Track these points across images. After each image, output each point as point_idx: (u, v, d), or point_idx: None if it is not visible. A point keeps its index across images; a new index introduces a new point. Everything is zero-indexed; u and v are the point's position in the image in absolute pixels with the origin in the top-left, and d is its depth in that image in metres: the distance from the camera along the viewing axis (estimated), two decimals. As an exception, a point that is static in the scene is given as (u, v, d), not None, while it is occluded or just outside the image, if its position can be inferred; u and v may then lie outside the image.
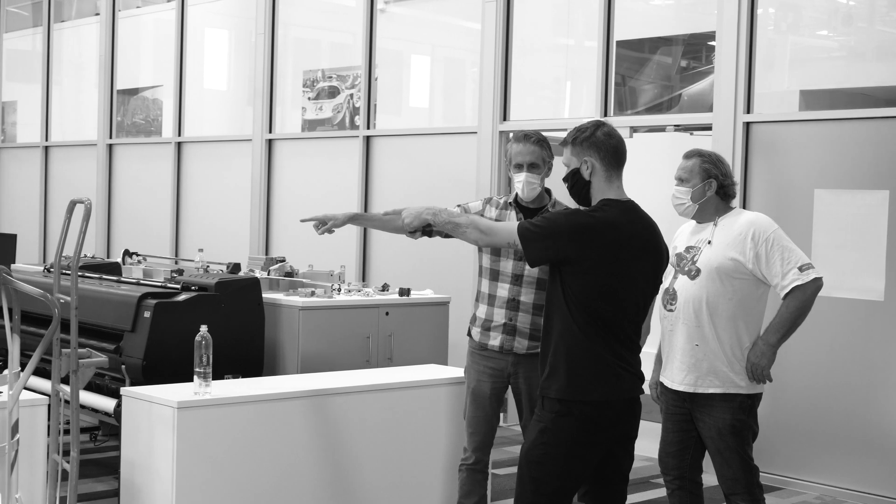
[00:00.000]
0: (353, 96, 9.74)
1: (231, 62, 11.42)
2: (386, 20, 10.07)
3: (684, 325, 4.37)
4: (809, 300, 4.31)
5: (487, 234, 3.87)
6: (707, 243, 4.39)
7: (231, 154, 10.58)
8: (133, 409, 4.72)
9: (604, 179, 3.77)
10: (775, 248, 4.29)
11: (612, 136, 3.80)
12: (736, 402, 4.32)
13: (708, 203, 4.44)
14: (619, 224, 3.71)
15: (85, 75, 12.64)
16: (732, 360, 4.32)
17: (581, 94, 8.24)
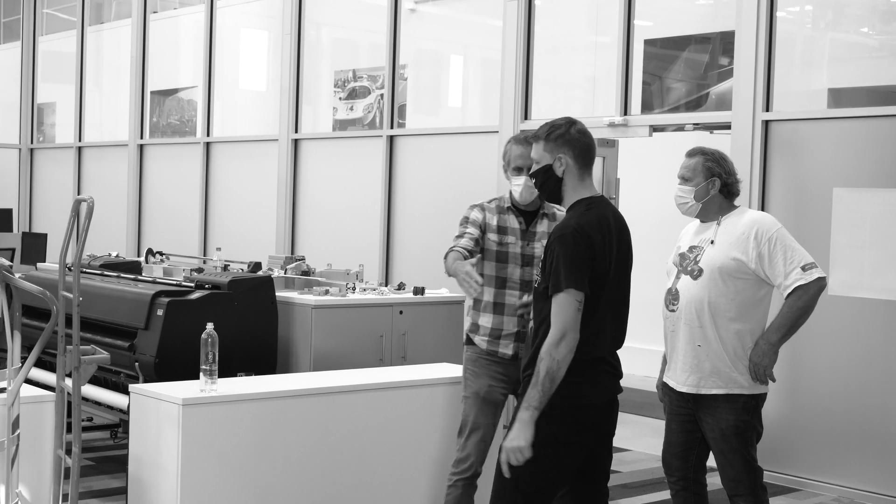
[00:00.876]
0: (384, 96, 9.77)
1: (269, 63, 11.47)
2: (417, 20, 10.11)
3: (686, 325, 4.33)
4: (812, 300, 4.25)
5: (564, 328, 3.57)
6: (710, 243, 4.34)
7: (258, 154, 10.65)
8: (141, 405, 4.77)
9: (576, 177, 3.75)
10: (778, 248, 4.24)
11: (584, 134, 3.78)
12: (739, 403, 4.28)
13: (711, 202, 4.40)
14: (600, 226, 3.69)
15: (124, 76, 12.76)
16: (735, 361, 4.28)
17: (601, 93, 8.21)
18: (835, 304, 6.52)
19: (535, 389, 3.51)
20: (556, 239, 3.62)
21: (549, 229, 4.69)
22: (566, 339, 3.54)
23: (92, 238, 12.60)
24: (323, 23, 10.58)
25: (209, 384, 4.65)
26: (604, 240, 3.65)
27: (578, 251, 3.58)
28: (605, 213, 3.72)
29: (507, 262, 4.62)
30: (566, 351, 3.53)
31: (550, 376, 3.51)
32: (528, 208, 4.70)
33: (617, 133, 7.74)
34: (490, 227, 4.66)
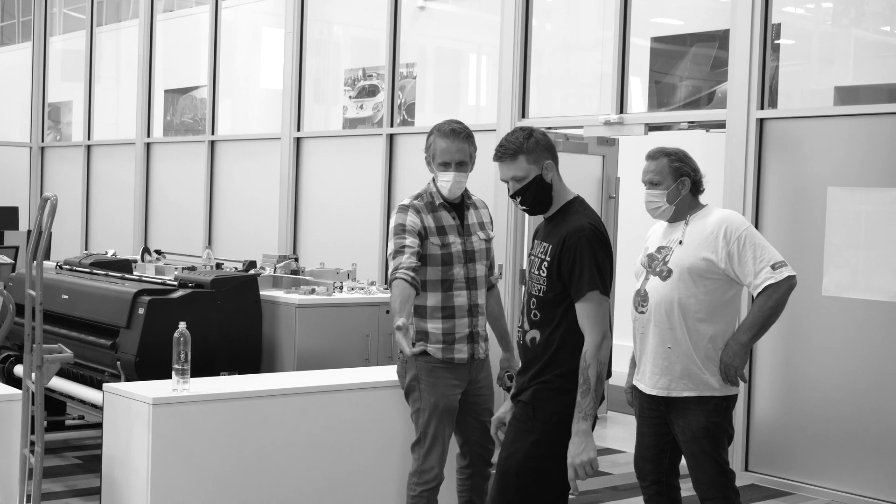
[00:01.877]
0: (394, 94, 9.73)
1: (290, 62, 11.40)
2: (426, 17, 10.07)
3: (656, 327, 4.26)
4: (783, 299, 4.19)
5: (601, 333, 3.63)
6: (678, 243, 4.28)
7: (262, 152, 10.64)
8: (113, 404, 4.75)
9: (559, 179, 3.77)
10: (747, 247, 4.18)
11: (546, 134, 3.84)
12: (710, 405, 4.21)
13: (682, 202, 4.33)
14: (599, 217, 3.83)
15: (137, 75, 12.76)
16: (706, 362, 4.21)
17: (598, 91, 8.14)
18: (829, 305, 6.43)
19: (588, 398, 3.53)
20: (577, 241, 3.60)
21: (477, 219, 4.57)
22: (606, 341, 3.60)
23: (99, 236, 12.79)
24: (335, 21, 10.55)
25: (181, 383, 4.62)
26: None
27: (598, 252, 3.62)
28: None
29: (452, 263, 4.42)
30: (608, 353, 3.60)
31: (601, 381, 3.57)
32: (457, 200, 4.52)
33: (613, 131, 7.67)
34: (430, 231, 4.41)
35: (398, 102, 9.56)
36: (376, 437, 4.99)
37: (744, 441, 6.76)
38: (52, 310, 6.34)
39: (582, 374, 3.56)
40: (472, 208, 4.58)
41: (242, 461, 4.68)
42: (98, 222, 13.00)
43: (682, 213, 4.33)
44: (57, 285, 6.34)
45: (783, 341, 6.65)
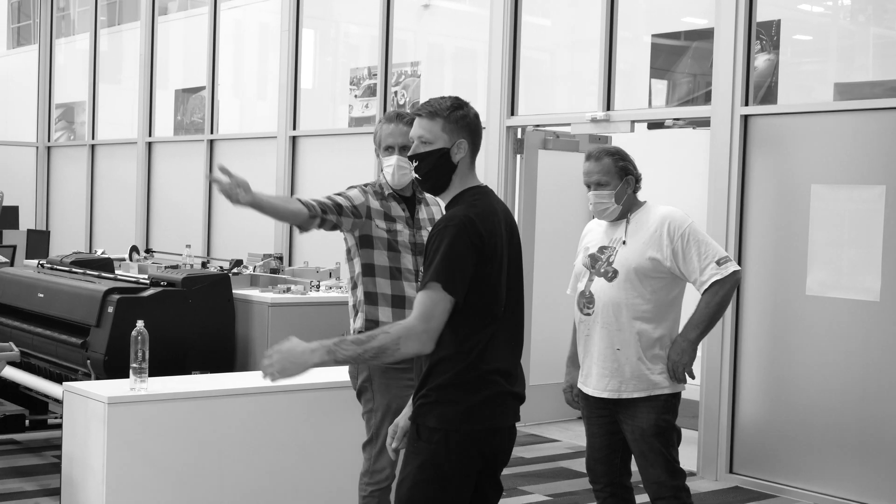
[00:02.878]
0: (398, 93, 9.69)
1: (316, 60, 11.40)
2: (430, 16, 10.03)
3: (604, 328, 4.21)
4: (729, 294, 4.18)
5: (426, 328, 3.02)
6: (622, 243, 4.24)
7: (260, 151, 10.62)
8: (72, 403, 4.72)
9: (468, 166, 3.26)
10: (691, 243, 4.16)
11: (478, 119, 3.32)
12: (660, 402, 4.19)
13: (627, 201, 4.30)
14: (490, 219, 3.16)
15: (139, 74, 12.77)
16: (654, 361, 4.19)
17: (586, 88, 8.06)
18: (813, 304, 6.33)
19: (355, 347, 2.98)
20: (439, 231, 3.10)
21: (428, 215, 4.41)
22: (421, 338, 3.01)
23: (102, 235, 12.81)
24: (342, 20, 10.52)
25: (139, 383, 4.60)
26: (493, 236, 3.13)
27: (460, 248, 3.06)
28: (494, 204, 3.24)
29: (399, 250, 4.28)
30: (414, 350, 3.02)
31: (379, 353, 2.99)
32: (404, 193, 4.37)
33: (600, 129, 7.59)
34: (376, 213, 4.27)
35: (403, 101, 9.52)
36: (331, 436, 4.94)
37: (728, 443, 6.67)
38: (27, 308, 6.34)
39: (372, 335, 3.00)
40: (423, 204, 4.43)
41: (199, 461, 4.64)
42: (102, 221, 13.03)
43: (624, 211, 4.30)
44: (34, 284, 6.33)
45: (768, 342, 6.56)
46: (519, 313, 3.29)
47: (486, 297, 3.12)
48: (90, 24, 13.53)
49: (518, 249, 3.31)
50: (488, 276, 3.12)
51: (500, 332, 3.17)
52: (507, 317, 3.20)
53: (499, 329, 3.16)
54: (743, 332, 6.65)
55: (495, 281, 3.15)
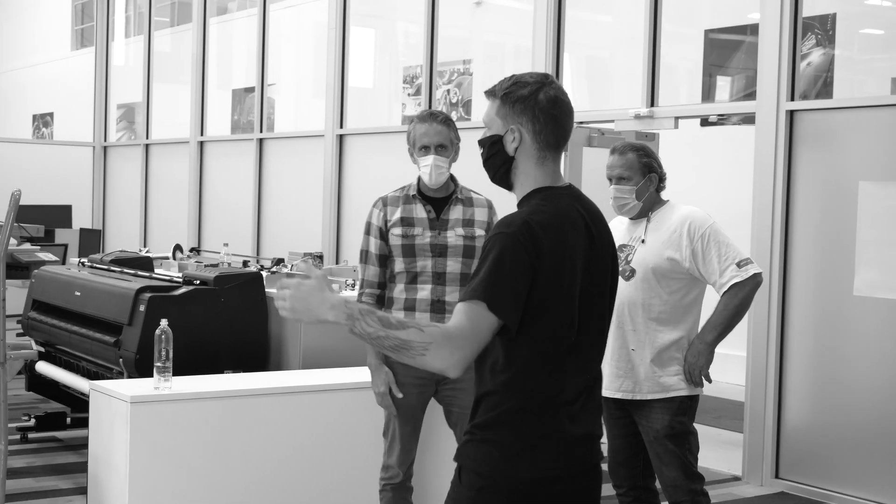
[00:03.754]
0: (451, 91, 9.63)
1: (375, 59, 11.40)
2: (482, 13, 9.95)
3: (619, 328, 4.14)
4: (748, 297, 4.07)
5: (464, 350, 2.46)
6: (641, 241, 4.15)
7: (308, 150, 10.62)
8: (97, 402, 4.72)
9: (534, 160, 2.65)
10: (711, 244, 4.06)
11: (558, 103, 2.65)
12: (675, 404, 4.10)
13: (649, 199, 4.19)
14: (559, 225, 2.60)
15: (213, 74, 12.82)
16: (670, 363, 4.09)
17: (632, 84, 7.93)
18: (860, 305, 6.14)
19: (379, 327, 2.43)
20: (491, 237, 2.57)
21: (464, 215, 4.34)
22: (454, 356, 2.45)
23: (154, 233, 12.90)
24: (399, 18, 10.49)
25: (163, 382, 4.58)
26: (559, 249, 2.57)
27: (512, 262, 2.51)
28: (568, 210, 2.64)
29: (416, 255, 4.24)
30: (440, 365, 2.45)
31: (401, 348, 2.44)
32: (439, 194, 4.33)
33: (643, 125, 7.45)
34: (393, 223, 4.28)
35: (455, 99, 9.45)
36: (355, 436, 4.88)
37: (774, 447, 6.49)
38: (65, 306, 6.37)
39: (404, 323, 2.46)
40: (461, 204, 4.37)
41: (223, 461, 4.60)
42: (155, 220, 13.12)
43: (645, 209, 4.20)
44: (72, 282, 6.36)
45: (814, 343, 6.37)
46: (599, 342, 2.71)
47: (548, 324, 2.55)
48: (147, 25, 13.64)
49: (606, 262, 2.71)
50: (551, 297, 2.54)
51: (569, 362, 2.60)
52: (580, 345, 2.61)
53: (568, 360, 2.59)
54: (788, 332, 6.48)
55: (564, 304, 2.57)
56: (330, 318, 2.45)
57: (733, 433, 7.63)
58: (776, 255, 6.42)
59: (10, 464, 6.27)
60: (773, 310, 6.40)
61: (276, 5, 11.78)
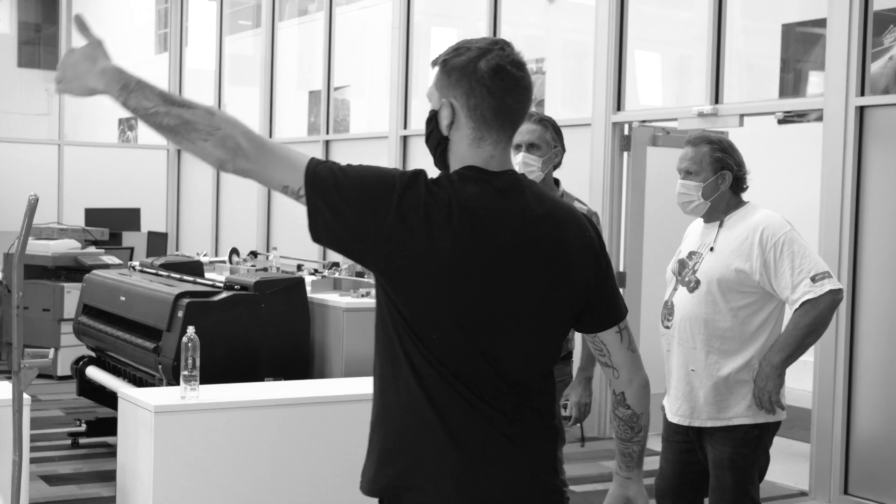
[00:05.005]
0: None
1: (396, 59, 11.28)
2: (555, 11, 9.75)
3: (680, 345, 3.78)
4: (823, 316, 3.62)
5: (254, 152, 2.11)
6: (710, 249, 3.77)
7: (374, 151, 10.50)
8: (125, 411, 4.62)
9: (468, 140, 2.21)
10: (785, 255, 3.63)
11: (500, 73, 2.16)
12: (739, 434, 3.71)
13: (720, 199, 3.79)
14: (478, 207, 2.15)
15: (290, 76, 12.79)
16: (735, 387, 3.71)
17: (693, 81, 7.64)
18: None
19: (158, 102, 2.08)
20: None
21: None
22: (240, 151, 2.14)
23: (225, 236, 12.90)
24: (480, 17, 10.33)
25: (190, 391, 4.46)
26: (477, 223, 2.14)
27: (383, 175, 2.16)
28: (499, 192, 2.19)
29: None
30: (222, 156, 2.12)
31: (180, 127, 2.10)
32: None
33: (706, 123, 7.15)
34: None
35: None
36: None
37: (842, 461, 6.15)
38: (111, 310, 6.32)
39: (190, 103, 2.10)
40: None
41: (250, 474, 4.46)
42: (227, 223, 13.13)
43: (718, 211, 3.81)
44: (118, 286, 6.30)
45: (886, 351, 6.02)
46: (527, 365, 2.23)
47: (419, 310, 2.15)
48: (238, 27, 13.69)
49: (514, 255, 2.18)
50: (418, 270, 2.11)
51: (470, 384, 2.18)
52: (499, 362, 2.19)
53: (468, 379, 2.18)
54: (859, 340, 6.13)
55: (437, 287, 2.12)
56: (99, 86, 2.12)
57: (804, 444, 7.26)
58: (845, 257, 6.08)
59: (57, 470, 6.25)
60: (842, 315, 6.06)
61: (352, 6, 11.70)
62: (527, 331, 2.22)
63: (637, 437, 2.43)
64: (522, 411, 2.23)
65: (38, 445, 6.76)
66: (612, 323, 2.36)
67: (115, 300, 6.26)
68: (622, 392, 2.40)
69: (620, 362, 2.38)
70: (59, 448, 6.73)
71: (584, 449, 7.12)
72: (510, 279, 2.18)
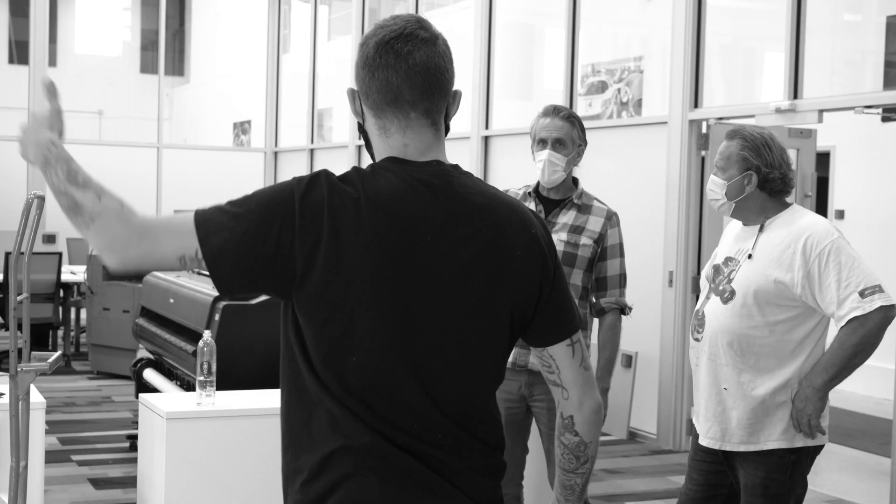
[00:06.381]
0: (621, 91, 9.18)
1: (478, 58, 11.09)
2: (653, 9, 9.46)
3: (711, 361, 3.42)
4: (872, 335, 3.21)
5: (136, 237, 1.89)
6: (748, 256, 3.40)
7: (456, 151, 10.32)
8: (143, 416, 4.52)
9: (376, 129, 2.00)
10: (831, 265, 3.23)
11: (385, 49, 1.94)
12: (774, 458, 3.35)
13: (749, 201, 3.42)
14: (393, 204, 1.91)
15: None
16: (772, 410, 3.35)
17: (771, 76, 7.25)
18: None
19: (65, 180, 1.92)
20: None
21: (575, 221, 3.99)
22: (119, 240, 1.92)
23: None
24: (585, 18, 10.12)
25: (206, 397, 4.34)
26: (389, 221, 1.90)
27: (263, 196, 1.95)
28: (422, 184, 1.94)
29: None
30: (102, 244, 1.93)
31: (73, 208, 1.93)
32: (556, 195, 4.03)
33: (784, 119, 6.75)
34: None
35: (626, 99, 8.99)
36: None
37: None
38: (162, 313, 6.27)
39: (89, 182, 1.91)
40: (575, 209, 4.03)
41: (263, 483, 4.30)
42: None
43: (752, 214, 3.44)
44: (168, 288, 6.24)
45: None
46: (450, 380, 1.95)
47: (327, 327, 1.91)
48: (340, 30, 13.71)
49: (430, 254, 1.92)
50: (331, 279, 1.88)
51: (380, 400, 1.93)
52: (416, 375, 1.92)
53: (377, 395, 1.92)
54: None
55: (354, 300, 1.89)
56: (30, 157, 1.98)
57: (881, 458, 6.77)
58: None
59: (108, 473, 6.22)
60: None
61: (435, 11, 11.58)
62: (463, 345, 1.94)
63: (582, 469, 2.14)
64: (459, 443, 1.95)
65: (97, 448, 6.78)
66: (564, 335, 2.07)
67: (164, 302, 6.20)
68: (571, 416, 2.11)
69: (571, 381, 2.09)
70: (116, 451, 6.71)
71: (655, 463, 6.79)
72: (438, 284, 1.91)
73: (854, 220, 9.68)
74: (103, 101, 20.94)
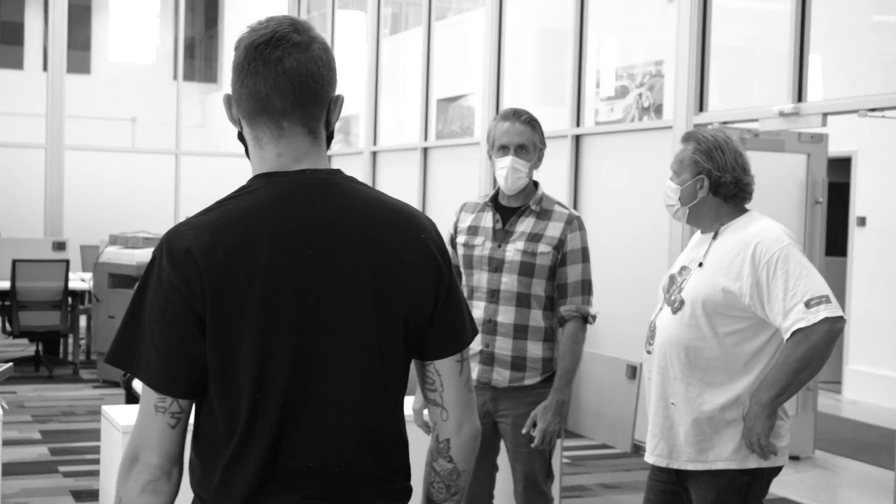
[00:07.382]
0: (643, 95, 9.03)
1: (489, 63, 10.99)
2: (675, 13, 9.32)
3: (659, 374, 3.26)
4: (817, 348, 3.01)
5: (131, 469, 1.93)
6: (699, 265, 3.23)
7: (463, 159, 10.24)
8: (104, 429, 4.42)
9: (251, 140, 1.88)
10: (779, 274, 3.05)
11: (251, 56, 1.83)
12: (724, 479, 3.18)
13: (703, 206, 3.26)
14: (246, 227, 1.80)
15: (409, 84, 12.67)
16: (721, 427, 3.17)
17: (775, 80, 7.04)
18: None
19: None
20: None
21: (533, 228, 3.83)
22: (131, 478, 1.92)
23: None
24: (618, 22, 10.00)
25: (165, 410, 4.20)
26: (251, 256, 1.78)
27: (158, 300, 1.82)
28: (292, 197, 1.83)
29: (473, 267, 3.86)
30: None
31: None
32: (516, 202, 3.88)
33: (789, 123, 6.55)
34: (460, 230, 3.95)
35: (647, 103, 8.84)
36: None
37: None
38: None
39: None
40: (533, 216, 3.88)
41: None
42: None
43: (707, 220, 3.28)
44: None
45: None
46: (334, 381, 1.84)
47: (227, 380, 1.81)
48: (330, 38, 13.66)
49: (319, 277, 1.81)
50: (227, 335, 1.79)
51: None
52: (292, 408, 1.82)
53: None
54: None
55: (247, 345, 1.78)
56: None
57: (886, 471, 6.50)
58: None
59: (92, 485, 6.11)
60: None
61: (471, 14, 11.47)
62: (360, 364, 1.84)
63: (452, 500, 1.98)
64: (360, 470, 1.85)
65: (87, 458, 6.68)
66: (456, 348, 1.94)
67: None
68: (447, 439, 1.96)
69: (453, 401, 1.95)
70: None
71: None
72: (324, 302, 1.81)
73: (876, 227, 9.43)
74: (136, 108, 21.05)
